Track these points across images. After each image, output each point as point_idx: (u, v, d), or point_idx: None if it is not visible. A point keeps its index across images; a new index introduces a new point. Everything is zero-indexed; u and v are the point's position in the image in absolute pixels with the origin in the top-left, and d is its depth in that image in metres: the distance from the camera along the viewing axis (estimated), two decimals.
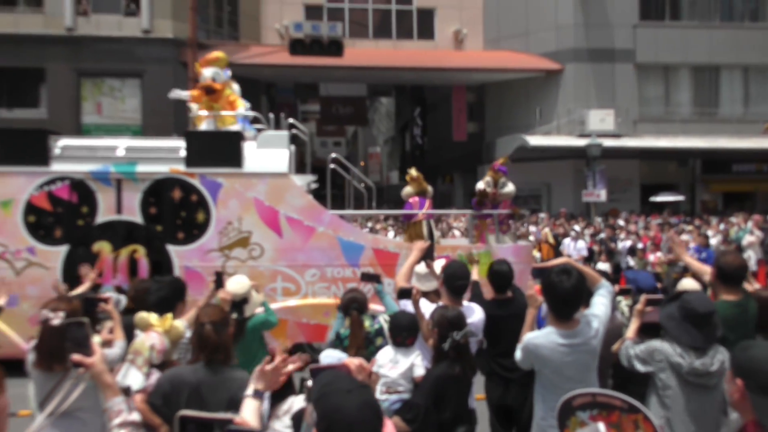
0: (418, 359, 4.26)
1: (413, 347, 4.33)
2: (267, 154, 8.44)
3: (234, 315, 4.81)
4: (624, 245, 14.93)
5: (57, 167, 8.19)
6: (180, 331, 4.01)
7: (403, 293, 4.53)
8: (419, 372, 4.19)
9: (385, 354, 4.31)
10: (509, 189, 8.98)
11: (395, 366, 4.25)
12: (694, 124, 25.45)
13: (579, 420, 2.27)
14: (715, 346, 3.57)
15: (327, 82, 33.20)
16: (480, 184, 9.01)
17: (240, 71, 11.16)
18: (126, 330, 4.19)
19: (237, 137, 8.43)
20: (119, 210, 8.19)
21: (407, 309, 4.52)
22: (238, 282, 5.00)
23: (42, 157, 8.17)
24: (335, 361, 3.38)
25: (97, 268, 6.44)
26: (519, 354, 3.79)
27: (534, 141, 23.49)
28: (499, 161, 9.18)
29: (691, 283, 4.63)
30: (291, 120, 10.38)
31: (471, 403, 4.19)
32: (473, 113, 29.66)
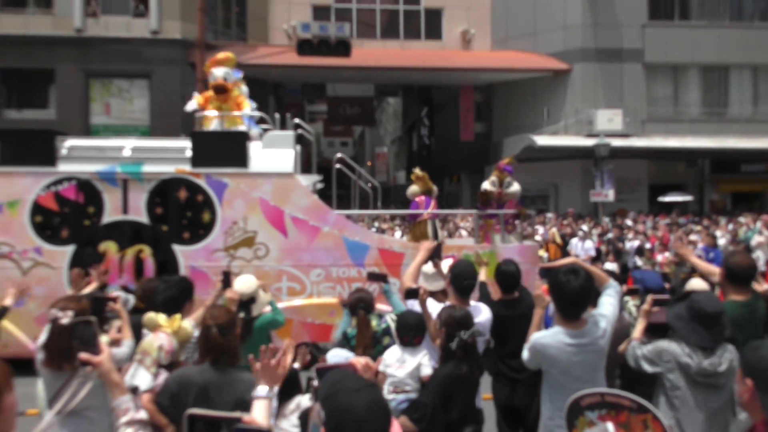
0: (425, 359, 4.25)
1: (420, 347, 4.32)
2: (272, 154, 8.44)
3: (241, 314, 4.82)
4: (632, 245, 14.85)
5: (64, 167, 8.21)
6: (188, 332, 4.01)
7: (411, 293, 4.53)
8: (426, 371, 4.18)
9: (393, 353, 4.30)
10: (514, 189, 8.95)
11: (402, 365, 4.24)
12: (703, 123, 25.34)
13: (587, 420, 2.26)
14: (723, 345, 3.55)
15: (334, 82, 33.24)
16: (485, 183, 8.99)
17: (248, 72, 11.17)
18: (134, 329, 4.19)
19: (242, 137, 8.44)
20: (125, 210, 8.21)
21: (414, 309, 4.51)
22: (245, 281, 5.01)
23: (49, 158, 8.20)
24: (342, 360, 3.38)
25: (103, 267, 6.45)
26: (526, 354, 3.78)
27: (542, 141, 23.45)
28: (505, 161, 9.15)
29: (700, 283, 4.61)
30: (297, 120, 10.39)
31: (478, 403, 4.18)
32: (481, 113, 29.61)
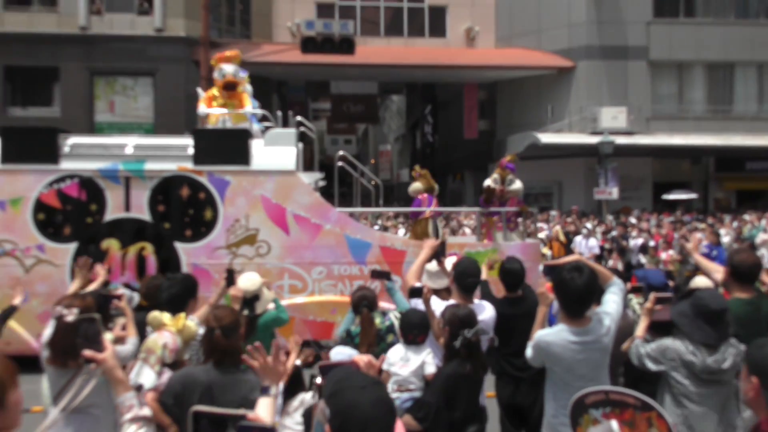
0: (429, 357, 4.23)
1: (424, 345, 4.30)
2: (274, 151, 8.42)
3: (245, 312, 4.82)
4: (636, 243, 14.82)
5: (66, 165, 8.21)
6: (192, 331, 4.01)
7: (414, 292, 4.52)
8: (430, 370, 4.17)
9: (396, 352, 4.29)
10: (516, 186, 8.93)
11: (406, 364, 4.22)
12: (707, 121, 25.27)
13: (592, 418, 2.25)
14: (726, 341, 3.55)
15: (338, 80, 33.23)
16: (487, 181, 8.98)
17: (252, 69, 11.18)
18: (138, 327, 4.20)
19: (244, 135, 8.44)
20: (128, 208, 8.21)
21: (419, 307, 4.51)
22: (249, 279, 5.00)
23: (51, 155, 8.19)
24: (345, 358, 3.38)
25: (106, 265, 6.46)
26: (530, 351, 3.77)
27: (546, 139, 23.41)
28: (507, 158, 9.13)
29: (704, 281, 4.59)
30: (299, 118, 10.38)
31: (481, 401, 4.17)
32: (484, 111, 29.58)
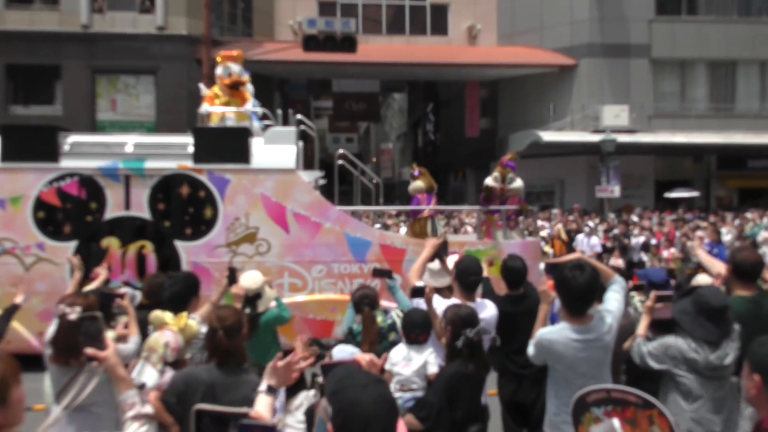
0: (431, 357, 4.22)
1: (426, 344, 4.29)
2: (275, 150, 8.42)
3: (247, 310, 4.82)
4: (637, 241, 14.82)
5: (66, 163, 8.20)
6: (194, 330, 4.01)
7: (416, 292, 4.52)
8: (432, 369, 4.16)
9: (399, 352, 4.28)
10: (517, 184, 8.92)
11: (408, 364, 4.22)
12: (709, 119, 25.25)
13: (593, 416, 2.25)
14: (728, 337, 3.56)
15: (340, 78, 33.24)
16: (488, 180, 8.97)
17: (253, 67, 11.20)
18: (140, 326, 4.20)
19: (244, 133, 8.43)
20: (128, 206, 8.20)
21: (420, 306, 4.50)
22: (251, 277, 5.00)
23: (51, 154, 8.18)
24: (347, 357, 3.37)
25: (106, 263, 6.47)
26: (532, 349, 3.77)
27: (547, 137, 23.41)
28: (507, 156, 9.13)
29: (706, 279, 4.59)
30: (299, 116, 10.39)
31: (483, 399, 4.17)
32: (486, 109, 29.57)
